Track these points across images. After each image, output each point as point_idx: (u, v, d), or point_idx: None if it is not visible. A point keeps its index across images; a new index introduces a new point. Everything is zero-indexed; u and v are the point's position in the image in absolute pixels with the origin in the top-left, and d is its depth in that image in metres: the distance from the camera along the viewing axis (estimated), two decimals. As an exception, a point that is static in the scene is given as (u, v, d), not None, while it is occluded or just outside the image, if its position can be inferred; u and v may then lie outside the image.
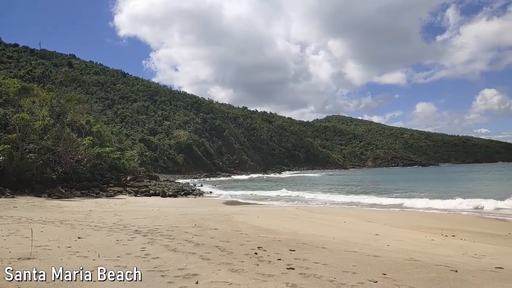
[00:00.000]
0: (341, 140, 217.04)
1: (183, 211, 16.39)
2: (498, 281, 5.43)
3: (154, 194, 29.68)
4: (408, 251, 8.32)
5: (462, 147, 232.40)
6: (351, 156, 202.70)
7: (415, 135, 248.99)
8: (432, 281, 5.34)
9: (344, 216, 16.50)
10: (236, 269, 5.71)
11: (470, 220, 16.60)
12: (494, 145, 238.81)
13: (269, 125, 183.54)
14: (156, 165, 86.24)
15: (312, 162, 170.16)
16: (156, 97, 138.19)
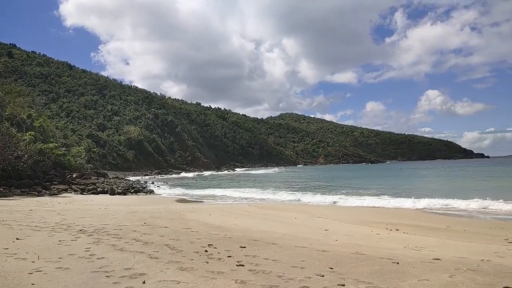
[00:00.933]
0: (294, 137, 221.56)
1: (132, 209, 15.89)
2: (435, 271, 5.77)
3: (102, 192, 28.54)
4: (354, 245, 8.62)
5: (407, 145, 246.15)
6: (304, 153, 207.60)
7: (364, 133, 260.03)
8: (375, 273, 5.57)
9: (295, 213, 16.82)
10: (185, 268, 5.63)
11: (413, 215, 17.56)
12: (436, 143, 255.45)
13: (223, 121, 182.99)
14: (105, 161, 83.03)
15: (265, 159, 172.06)
16: (105, 91, 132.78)
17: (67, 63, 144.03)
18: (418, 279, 5.29)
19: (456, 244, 9.83)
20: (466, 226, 13.65)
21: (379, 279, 5.24)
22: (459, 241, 10.31)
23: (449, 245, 9.52)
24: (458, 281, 5.22)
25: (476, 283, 5.11)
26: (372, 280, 5.20)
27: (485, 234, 11.94)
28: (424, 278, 5.35)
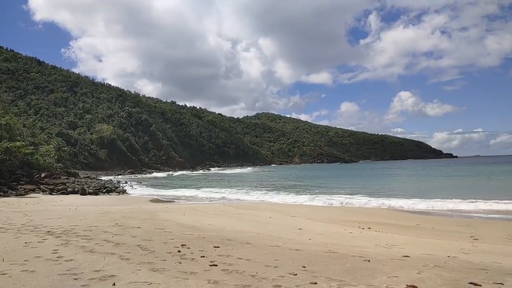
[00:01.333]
0: (270, 137, 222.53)
1: (104, 210, 15.52)
2: (404, 268, 5.92)
3: (72, 192, 27.75)
4: (327, 244, 8.74)
5: (381, 145, 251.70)
6: (279, 153, 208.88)
7: (339, 133, 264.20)
8: (346, 271, 5.66)
9: (270, 212, 16.89)
10: (157, 268, 5.54)
11: (385, 213, 17.98)
12: (408, 143, 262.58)
13: (198, 120, 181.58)
14: (75, 161, 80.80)
15: (241, 158, 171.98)
16: (76, 88, 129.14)
17: (36, 59, 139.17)
18: (387, 276, 5.42)
19: (425, 241, 10.13)
20: (434, 224, 14.09)
21: (350, 277, 5.33)
22: (427, 239, 10.64)
23: (418, 243, 9.80)
24: (426, 277, 5.37)
25: (442, 279, 5.27)
26: (343, 278, 5.28)
27: (452, 231, 12.36)
28: (394, 275, 5.48)
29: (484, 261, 6.98)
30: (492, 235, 11.24)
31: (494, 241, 10.25)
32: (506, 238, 10.69)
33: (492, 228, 13.16)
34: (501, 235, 11.15)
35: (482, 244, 9.62)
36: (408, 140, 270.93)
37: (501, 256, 7.77)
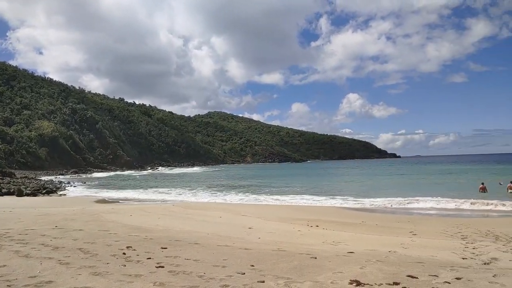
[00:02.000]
0: (222, 136, 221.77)
1: (43, 212, 14.60)
2: (348, 264, 6.13)
3: (7, 193, 25.87)
4: (276, 243, 8.84)
5: (330, 145, 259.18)
6: (232, 152, 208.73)
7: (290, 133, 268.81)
8: (294, 269, 5.75)
9: (220, 211, 16.80)
10: (100, 272, 5.29)
11: (333, 211, 18.53)
12: (356, 143, 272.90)
13: (148, 118, 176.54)
14: (11, 160, 75.40)
15: (193, 157, 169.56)
16: (13, 82, 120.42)
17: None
18: (333, 272, 5.57)
19: (368, 237, 10.57)
20: (378, 221, 14.75)
21: (297, 274, 5.42)
22: (371, 235, 11.10)
23: (363, 239, 10.21)
24: (368, 271, 5.59)
25: (383, 273, 5.52)
26: (290, 275, 5.35)
27: (394, 227, 13.01)
28: (338, 270, 5.65)
29: (421, 255, 7.41)
30: (429, 231, 11.97)
31: (430, 236, 10.91)
32: (441, 233, 11.42)
33: (429, 224, 14.00)
34: (437, 230, 11.90)
35: (420, 239, 10.21)
36: (355, 140, 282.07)
37: (437, 249, 8.29)
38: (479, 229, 11.63)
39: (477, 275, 5.57)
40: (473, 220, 14.57)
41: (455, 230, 11.65)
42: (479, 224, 13.11)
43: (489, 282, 5.19)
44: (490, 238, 9.92)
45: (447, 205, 19.69)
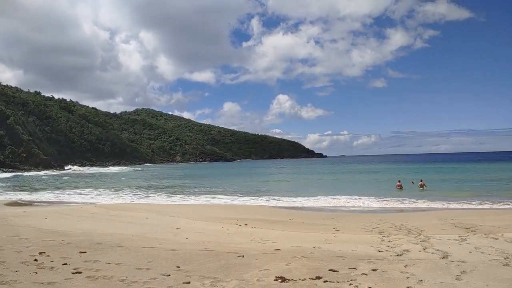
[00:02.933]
0: (151, 134, 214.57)
1: None
2: (275, 261, 6.25)
3: None
4: (204, 242, 8.72)
5: (260, 144, 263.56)
6: (160, 151, 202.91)
7: (221, 132, 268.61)
8: (221, 268, 5.71)
9: (146, 212, 16.20)
10: (7, 281, 4.79)
11: (261, 210, 18.83)
12: (285, 143, 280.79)
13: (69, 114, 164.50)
14: None
15: (118, 156, 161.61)
16: None
17: None
18: (259, 269, 5.63)
19: (295, 234, 10.89)
20: (304, 218, 15.29)
21: (224, 273, 5.39)
22: (298, 232, 11.46)
23: (289, 236, 10.49)
24: (293, 268, 5.75)
25: (307, 268, 5.71)
26: (217, 275, 5.30)
27: (319, 224, 13.57)
28: (265, 268, 5.73)
29: (343, 250, 7.81)
30: (351, 226, 12.69)
31: (352, 231, 11.57)
32: (361, 228, 12.17)
33: (351, 220, 14.84)
34: (358, 226, 12.65)
35: (342, 235, 10.77)
36: (285, 140, 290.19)
37: (357, 244, 8.79)
38: (394, 224, 12.60)
39: (390, 266, 6.01)
40: (389, 216, 15.75)
41: (374, 225, 12.48)
42: (395, 219, 14.20)
43: (401, 272, 5.62)
44: (403, 232, 10.78)
45: (367, 202, 21.10)
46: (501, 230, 10.63)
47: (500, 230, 10.53)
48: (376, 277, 5.32)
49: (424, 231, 10.70)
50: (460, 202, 19.92)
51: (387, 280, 5.17)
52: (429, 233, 10.25)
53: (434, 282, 5.12)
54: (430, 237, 9.48)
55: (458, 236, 9.58)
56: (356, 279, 5.19)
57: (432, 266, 6.05)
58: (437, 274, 5.52)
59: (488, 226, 11.58)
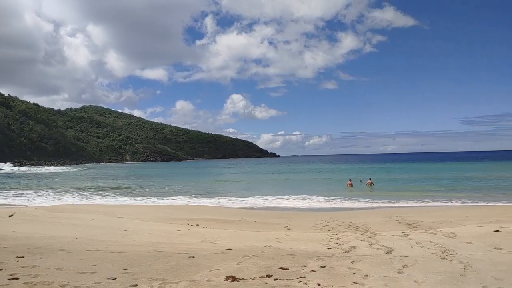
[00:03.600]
0: (99, 132, 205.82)
1: None
2: (226, 261, 6.21)
3: None
4: (154, 244, 8.49)
5: (214, 144, 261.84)
6: (109, 150, 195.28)
7: (174, 131, 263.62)
8: (170, 269, 5.58)
9: (93, 214, 15.50)
10: None
11: (213, 210, 18.69)
12: (239, 143, 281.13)
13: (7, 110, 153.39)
14: None
15: (63, 155, 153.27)
16: None
17: None
18: (209, 269, 5.57)
19: (247, 234, 10.91)
20: (256, 217, 15.37)
21: (173, 275, 5.26)
22: (250, 231, 11.50)
23: (241, 236, 10.49)
24: (244, 267, 5.74)
25: (258, 267, 5.73)
26: (166, 276, 5.17)
27: (271, 223, 13.70)
28: (215, 268, 5.67)
29: (293, 248, 7.94)
30: (302, 225, 12.94)
31: (303, 229, 11.80)
32: (312, 226, 12.45)
33: (302, 218, 15.13)
34: (308, 224, 12.93)
35: (293, 233, 10.95)
36: (239, 140, 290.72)
37: (307, 242, 8.98)
38: (343, 222, 13.02)
39: (338, 263, 6.19)
40: (339, 214, 16.25)
41: (324, 223, 12.81)
42: (344, 217, 14.68)
43: (348, 268, 5.81)
44: (351, 229, 11.16)
45: (319, 201, 21.69)
46: (439, 225, 11.35)
47: (439, 226, 11.24)
48: (325, 274, 5.45)
49: (370, 228, 11.16)
50: (404, 200, 21.06)
51: (335, 276, 5.32)
52: (375, 230, 10.71)
53: (379, 276, 5.33)
54: (376, 234, 9.90)
55: (401, 232, 10.09)
56: (305, 276, 5.29)
57: (377, 261, 6.31)
58: (381, 269, 5.76)
59: (429, 222, 12.31)
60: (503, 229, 9.85)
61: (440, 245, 7.85)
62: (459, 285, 4.89)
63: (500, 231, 9.65)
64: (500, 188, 27.01)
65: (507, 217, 13.17)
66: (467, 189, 26.35)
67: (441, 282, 5.02)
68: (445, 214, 14.92)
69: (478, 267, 5.78)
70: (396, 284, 4.96)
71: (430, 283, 5.00)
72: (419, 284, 4.94)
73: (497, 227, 10.19)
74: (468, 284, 4.92)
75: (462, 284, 4.93)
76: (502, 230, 9.71)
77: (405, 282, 5.04)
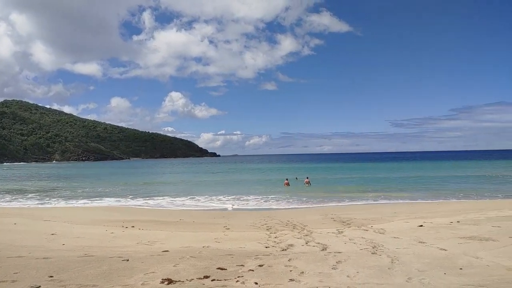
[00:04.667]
0: (23, 129, 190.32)
1: None
2: (162, 263, 6.02)
3: None
4: (84, 248, 8.00)
5: (151, 143, 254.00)
6: (35, 149, 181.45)
7: (108, 129, 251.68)
8: (102, 274, 5.28)
9: (15, 217, 14.27)
10: None
11: (150, 211, 18.15)
12: (178, 142, 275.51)
13: None
14: None
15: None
16: None
17: None
18: (144, 273, 5.36)
19: (185, 235, 10.70)
20: (195, 218, 15.18)
21: (105, 280, 4.99)
22: (188, 232, 11.29)
23: (179, 237, 10.26)
24: (181, 269, 5.61)
25: (195, 268, 5.63)
26: (97, 282, 4.88)
27: (210, 223, 13.59)
28: (151, 271, 5.48)
29: (232, 247, 7.92)
30: (241, 224, 12.99)
31: (242, 229, 11.84)
32: (251, 225, 12.54)
33: (241, 218, 15.21)
34: (247, 223, 13.02)
35: (232, 233, 10.94)
36: (178, 139, 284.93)
37: (246, 241, 9.02)
38: (281, 220, 13.28)
39: (276, 261, 6.29)
40: (277, 213, 16.58)
41: (262, 222, 12.98)
42: (282, 215, 15.00)
43: (285, 266, 5.92)
44: (289, 228, 11.42)
45: (257, 200, 21.93)
46: (371, 222, 12.03)
47: (370, 223, 11.91)
48: (262, 272, 5.50)
49: (307, 226, 11.51)
50: (339, 198, 22.04)
51: (272, 275, 5.39)
52: (312, 228, 11.06)
53: (314, 272, 5.50)
54: (312, 232, 10.23)
55: (336, 230, 10.53)
56: (243, 276, 5.30)
57: (313, 258, 6.50)
58: (316, 265, 5.95)
59: (361, 219, 12.99)
60: (426, 224, 10.68)
61: (371, 241, 8.30)
62: (386, 278, 5.19)
63: (424, 226, 10.45)
64: (424, 186, 29.36)
65: (429, 213, 14.33)
66: (396, 188, 28.27)
67: (371, 276, 5.29)
68: (376, 211, 15.86)
69: (404, 260, 6.19)
70: (330, 279, 5.15)
71: (361, 277, 5.25)
72: (351, 279, 5.16)
73: (421, 222, 11.03)
74: (395, 277, 5.24)
75: (389, 277, 5.24)
76: (425, 225, 10.52)
77: (339, 277, 5.25)
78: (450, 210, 14.85)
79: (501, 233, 8.57)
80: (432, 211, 15.11)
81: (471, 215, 12.51)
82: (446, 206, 17.02)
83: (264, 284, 4.91)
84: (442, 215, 12.99)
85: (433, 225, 10.48)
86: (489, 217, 11.75)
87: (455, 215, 12.78)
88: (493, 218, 11.32)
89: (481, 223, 10.35)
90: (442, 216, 12.76)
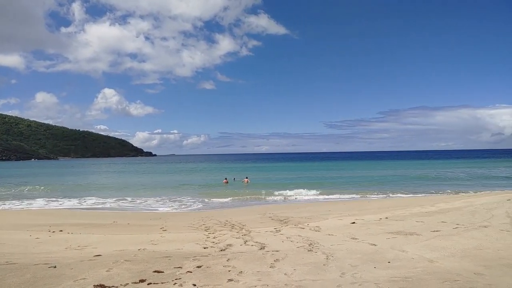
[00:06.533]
0: None
1: None
2: (94, 268, 5.69)
3: None
4: (5, 255, 7.31)
5: (82, 141, 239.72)
6: None
7: (33, 126, 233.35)
8: (26, 283, 4.86)
9: None
10: None
11: (81, 213, 17.11)
12: (111, 141, 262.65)
13: None
14: None
15: None
16: None
17: None
18: (74, 280, 5.02)
19: (119, 237, 10.24)
20: (130, 220, 14.60)
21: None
22: (122, 235, 10.82)
23: (112, 240, 9.79)
24: (114, 273, 5.34)
25: (130, 272, 5.40)
26: (19, 292, 4.48)
27: (146, 225, 13.16)
28: (81, 277, 5.15)
29: (169, 249, 7.72)
30: (178, 225, 12.73)
31: (179, 230, 11.61)
32: (188, 226, 12.34)
33: (179, 219, 14.91)
34: (185, 224, 12.80)
35: (170, 234, 10.68)
36: (111, 137, 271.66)
37: (183, 242, 8.85)
38: (219, 220, 13.24)
39: (214, 261, 6.24)
40: (215, 212, 16.49)
41: (201, 223, 12.84)
42: (220, 215, 14.95)
43: (224, 266, 5.90)
44: (227, 227, 11.41)
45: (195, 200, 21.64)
46: (307, 220, 12.42)
47: (306, 221, 12.29)
48: (201, 274, 5.43)
49: (246, 226, 11.59)
50: (277, 198, 22.50)
51: (211, 275, 5.34)
52: (250, 227, 11.16)
53: (252, 272, 5.54)
54: (250, 231, 10.31)
55: (274, 228, 10.72)
56: (181, 278, 5.18)
57: (251, 258, 6.55)
58: (255, 264, 6.00)
59: (298, 218, 13.37)
60: (358, 221, 11.27)
61: (307, 239, 8.56)
62: (322, 274, 5.38)
63: (356, 223, 11.02)
64: (355, 184, 31.00)
65: (360, 210, 15.16)
66: (330, 186, 29.52)
67: (308, 273, 5.46)
68: (312, 209, 16.42)
69: (338, 256, 6.46)
70: (268, 277, 5.22)
71: (298, 274, 5.39)
72: (288, 276, 5.28)
73: (354, 220, 11.62)
74: (330, 272, 5.46)
75: (324, 273, 5.44)
76: (357, 222, 11.10)
77: (276, 275, 5.34)
78: (379, 207, 15.83)
79: (424, 228, 9.30)
80: (363, 208, 16.00)
81: (398, 211, 13.43)
82: (376, 204, 18.13)
83: (203, 286, 4.84)
84: (372, 212, 13.80)
85: (364, 222, 11.09)
86: (413, 213, 12.69)
87: (383, 212, 13.64)
88: (417, 214, 12.25)
89: (407, 219, 11.15)
90: (373, 213, 13.56)
